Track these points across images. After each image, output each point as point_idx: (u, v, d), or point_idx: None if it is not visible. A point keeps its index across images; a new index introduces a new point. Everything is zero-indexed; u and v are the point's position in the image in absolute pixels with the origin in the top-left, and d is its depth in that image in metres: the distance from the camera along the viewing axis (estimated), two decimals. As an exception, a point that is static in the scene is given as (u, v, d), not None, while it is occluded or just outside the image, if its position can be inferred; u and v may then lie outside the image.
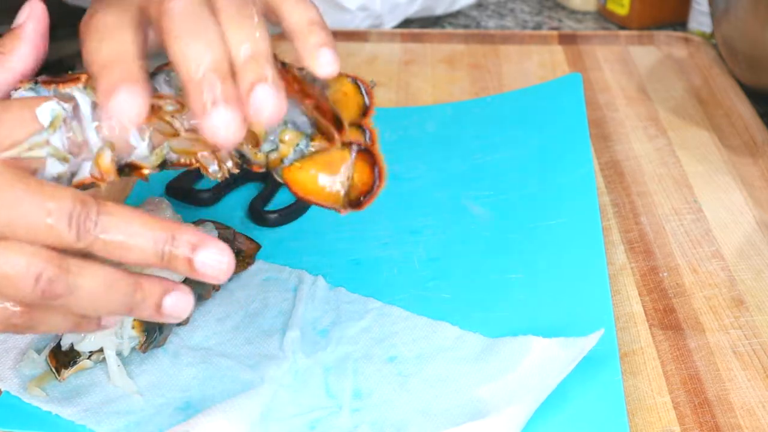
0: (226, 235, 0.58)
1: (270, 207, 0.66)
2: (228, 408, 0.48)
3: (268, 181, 0.69)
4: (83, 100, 0.42)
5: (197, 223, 0.57)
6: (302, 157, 0.44)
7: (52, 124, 0.41)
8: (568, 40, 0.93)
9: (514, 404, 0.47)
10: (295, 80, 0.41)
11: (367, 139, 0.44)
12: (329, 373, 0.51)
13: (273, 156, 0.44)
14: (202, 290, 0.55)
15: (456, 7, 1.01)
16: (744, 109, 0.79)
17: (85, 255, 0.39)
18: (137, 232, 0.39)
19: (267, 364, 0.52)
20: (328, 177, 0.44)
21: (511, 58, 0.89)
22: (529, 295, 0.57)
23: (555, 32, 0.94)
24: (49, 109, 0.41)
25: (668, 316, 0.57)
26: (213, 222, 0.58)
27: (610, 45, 0.92)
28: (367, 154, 0.44)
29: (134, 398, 0.50)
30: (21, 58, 0.42)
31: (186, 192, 0.67)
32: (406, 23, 0.98)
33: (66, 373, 0.51)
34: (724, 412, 0.50)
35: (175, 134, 0.43)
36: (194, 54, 0.39)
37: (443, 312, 0.55)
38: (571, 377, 0.48)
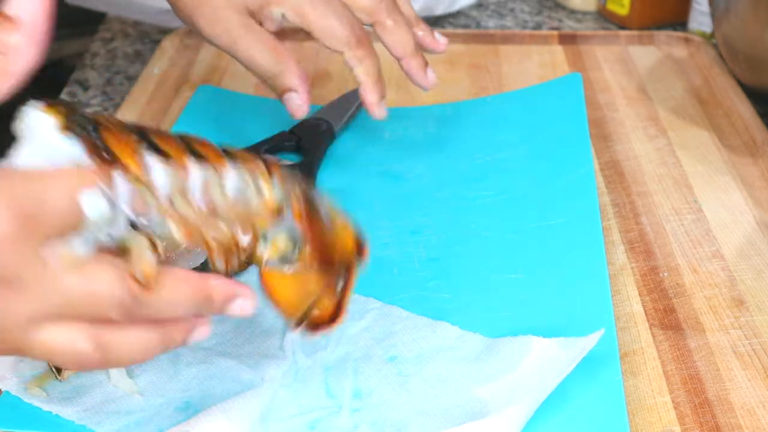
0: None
1: (270, 207, 0.66)
2: (228, 408, 0.48)
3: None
4: (124, 189, 0.40)
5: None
6: (283, 265, 0.45)
7: (95, 223, 0.39)
8: (568, 40, 0.93)
9: (514, 404, 0.47)
10: (309, 211, 0.45)
11: (342, 283, 0.47)
12: (329, 373, 0.51)
13: (259, 252, 0.45)
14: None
15: (456, 7, 1.01)
16: (744, 109, 0.79)
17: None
18: (180, 305, 0.41)
19: (267, 364, 0.52)
20: (296, 294, 0.46)
21: (511, 58, 0.89)
22: (529, 295, 0.57)
23: (555, 32, 0.94)
24: (94, 203, 0.38)
25: (668, 316, 0.57)
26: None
27: (610, 45, 0.92)
28: (337, 296, 0.46)
29: (134, 398, 0.50)
30: (23, 60, 0.40)
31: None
32: (406, 23, 0.98)
33: (66, 373, 0.51)
34: (724, 412, 0.50)
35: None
36: (405, 39, 0.66)
37: (443, 312, 0.55)
38: (571, 377, 0.48)
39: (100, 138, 0.39)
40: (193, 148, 0.42)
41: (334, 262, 0.46)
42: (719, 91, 0.83)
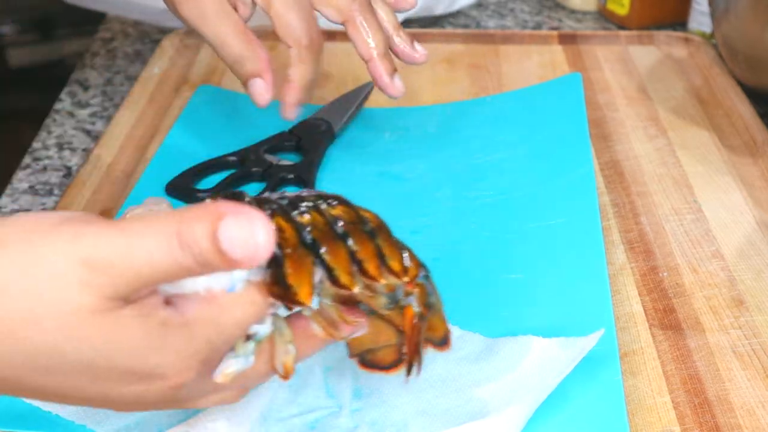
0: None
1: (270, 207, 0.66)
2: (228, 408, 0.48)
3: (269, 181, 0.69)
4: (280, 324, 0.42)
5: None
6: (371, 310, 0.46)
7: (258, 340, 0.41)
8: (568, 40, 0.93)
9: (514, 404, 0.47)
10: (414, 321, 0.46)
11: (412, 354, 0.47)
12: (329, 373, 0.51)
13: (357, 290, 0.44)
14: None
15: (456, 7, 1.01)
16: (744, 109, 0.79)
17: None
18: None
19: (267, 364, 0.52)
20: (367, 335, 0.46)
21: (511, 58, 0.89)
22: (529, 295, 0.57)
23: (555, 32, 0.94)
24: (261, 328, 0.41)
25: (668, 316, 0.57)
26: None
27: (610, 45, 0.92)
28: (401, 357, 0.48)
29: (134, 398, 0.50)
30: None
31: (186, 192, 0.67)
32: (406, 23, 0.98)
33: (66, 373, 0.50)
34: (724, 412, 0.50)
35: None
36: (374, 41, 0.65)
37: (443, 312, 0.55)
38: (571, 377, 0.48)
39: (281, 270, 0.40)
40: (357, 257, 0.43)
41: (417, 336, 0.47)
42: (719, 91, 0.83)
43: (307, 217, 0.41)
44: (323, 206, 0.43)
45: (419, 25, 0.99)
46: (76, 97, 0.86)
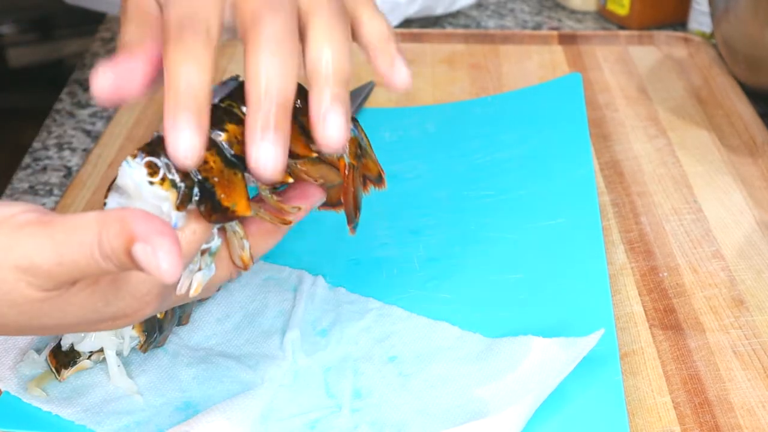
0: None
1: (270, 207, 0.66)
2: (228, 408, 0.48)
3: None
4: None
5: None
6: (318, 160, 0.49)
7: (213, 253, 0.46)
8: (568, 40, 0.93)
9: (514, 404, 0.47)
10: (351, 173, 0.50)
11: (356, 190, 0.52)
12: (329, 373, 0.51)
13: (291, 180, 0.48)
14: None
15: (456, 7, 1.01)
16: (744, 109, 0.79)
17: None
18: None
19: (267, 364, 0.52)
20: (320, 176, 0.50)
21: (511, 58, 0.89)
22: (529, 295, 0.57)
23: (555, 32, 0.94)
24: (211, 244, 0.45)
25: (668, 316, 0.57)
26: None
27: (610, 45, 0.92)
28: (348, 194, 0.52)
29: (134, 398, 0.50)
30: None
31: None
32: (406, 23, 0.98)
33: (66, 373, 0.51)
34: (724, 412, 0.50)
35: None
36: (267, 78, 0.40)
37: (443, 312, 0.55)
38: (571, 377, 0.48)
39: (214, 198, 0.43)
40: (294, 152, 0.45)
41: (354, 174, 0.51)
42: (719, 91, 0.83)
43: (224, 135, 0.44)
44: (237, 110, 0.45)
45: (419, 25, 0.99)
46: (76, 97, 0.86)
